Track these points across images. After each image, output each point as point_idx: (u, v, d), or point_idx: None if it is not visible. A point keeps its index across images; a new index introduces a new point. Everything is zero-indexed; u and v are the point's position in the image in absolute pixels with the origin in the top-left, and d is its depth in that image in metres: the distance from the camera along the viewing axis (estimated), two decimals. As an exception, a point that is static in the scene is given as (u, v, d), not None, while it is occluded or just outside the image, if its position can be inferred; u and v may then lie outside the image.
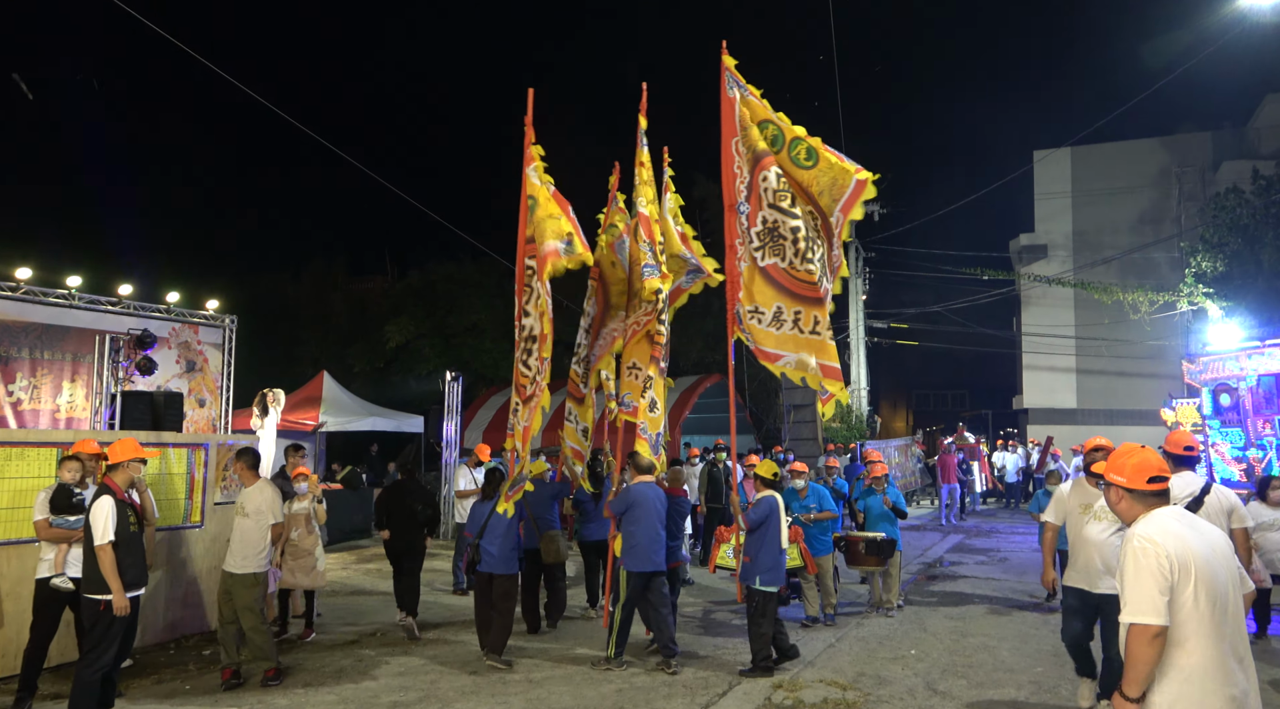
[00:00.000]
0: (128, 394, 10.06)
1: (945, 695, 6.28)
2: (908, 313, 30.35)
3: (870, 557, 8.81)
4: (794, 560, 7.80)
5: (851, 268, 27.71)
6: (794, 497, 8.55)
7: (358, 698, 6.14)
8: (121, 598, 5.26)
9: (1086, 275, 26.18)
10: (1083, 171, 28.80)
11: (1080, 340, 27.90)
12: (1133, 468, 3.20)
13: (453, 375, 15.76)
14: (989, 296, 28.46)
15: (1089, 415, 27.50)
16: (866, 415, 27.42)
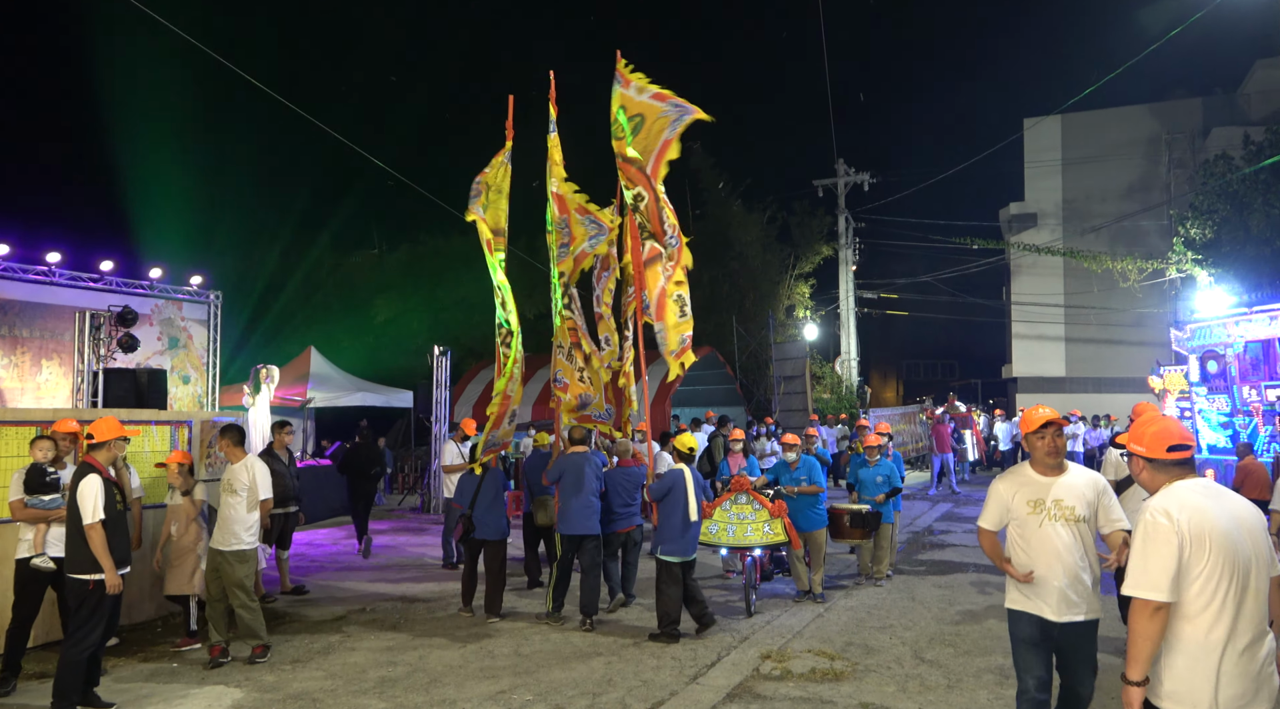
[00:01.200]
0: (110, 372, 9.92)
1: (933, 664, 6.31)
2: (898, 283, 30.31)
3: (855, 530, 8.64)
4: (778, 535, 7.74)
5: (841, 238, 27.58)
6: (785, 469, 8.41)
7: (345, 674, 6.12)
8: (113, 576, 5.22)
9: (1076, 243, 26.16)
10: (1073, 138, 28.64)
11: (1069, 309, 27.94)
12: (1152, 436, 3.09)
13: (441, 350, 15.65)
14: (979, 266, 28.43)
15: (1077, 384, 27.62)
16: (856, 386, 27.47)
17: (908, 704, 5.47)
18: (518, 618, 7.76)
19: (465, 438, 10.54)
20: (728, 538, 7.78)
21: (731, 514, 7.84)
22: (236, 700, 5.57)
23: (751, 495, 7.83)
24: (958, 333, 39.01)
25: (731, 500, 7.89)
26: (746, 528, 7.75)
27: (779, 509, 7.77)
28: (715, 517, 7.80)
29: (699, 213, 28.49)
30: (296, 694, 5.68)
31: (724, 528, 7.81)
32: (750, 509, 7.79)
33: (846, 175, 27.64)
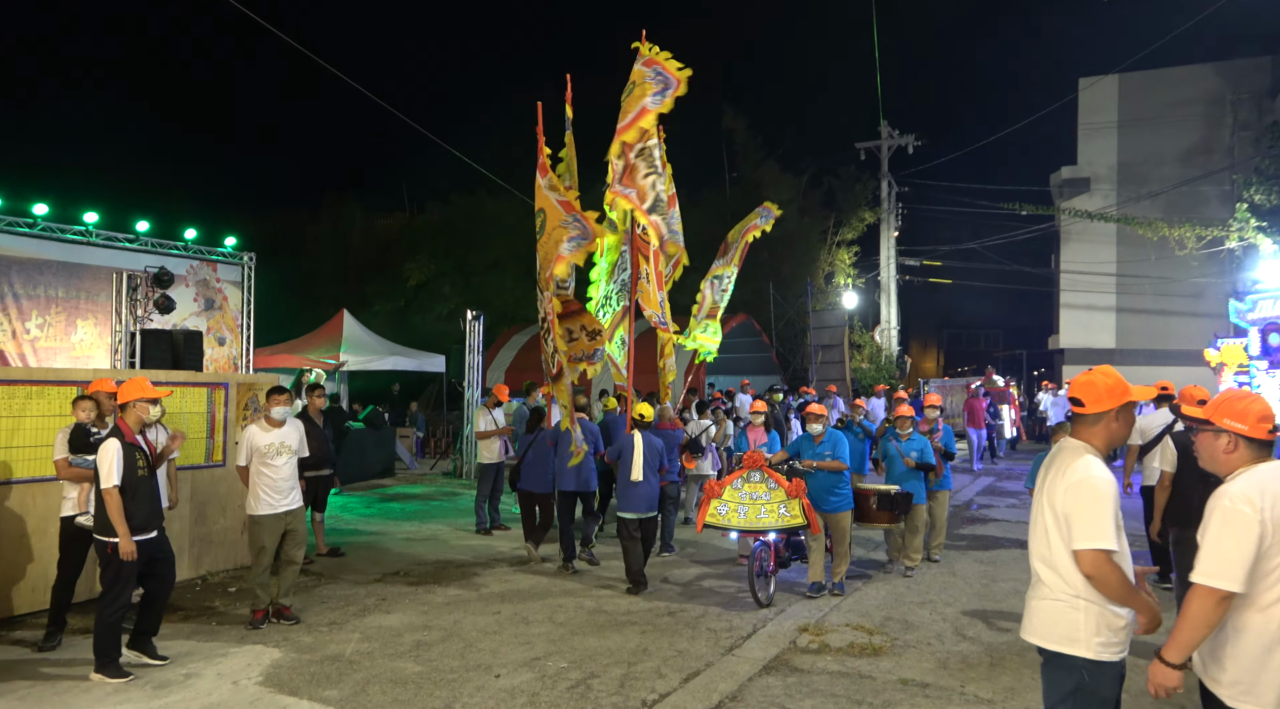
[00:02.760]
0: (147, 333, 10.10)
1: (974, 641, 6.28)
2: (941, 250, 29.79)
3: (882, 512, 7.81)
4: (795, 517, 7.06)
5: (883, 203, 27.11)
6: (809, 444, 7.57)
7: (381, 637, 6.25)
8: (127, 542, 5.29)
9: (1131, 210, 25.44)
10: (1130, 99, 27.70)
11: (1122, 278, 27.26)
12: (1257, 415, 2.93)
13: (474, 314, 15.72)
14: (1027, 233, 27.81)
15: (1129, 356, 27.01)
16: (896, 356, 27.18)
17: (949, 682, 5.45)
18: (551, 591, 7.85)
19: (498, 404, 10.60)
20: (738, 520, 7.11)
21: (743, 494, 7.16)
22: (275, 660, 5.72)
23: (766, 473, 7.17)
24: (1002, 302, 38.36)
25: (743, 478, 7.21)
26: (760, 509, 7.11)
27: (797, 488, 7.08)
28: (725, 496, 7.17)
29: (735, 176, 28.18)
30: (333, 656, 5.82)
31: (734, 509, 7.14)
32: (764, 488, 7.13)
33: (890, 138, 27.09)
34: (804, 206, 26.87)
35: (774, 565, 7.23)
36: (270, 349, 17.16)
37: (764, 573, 7.19)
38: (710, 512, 7.18)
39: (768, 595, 7.15)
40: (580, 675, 5.47)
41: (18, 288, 11.68)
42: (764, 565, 7.18)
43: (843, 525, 7.49)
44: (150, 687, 5.21)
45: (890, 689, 5.31)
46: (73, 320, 12.25)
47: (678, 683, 5.39)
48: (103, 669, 5.34)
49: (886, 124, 27.07)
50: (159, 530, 5.66)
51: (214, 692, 5.15)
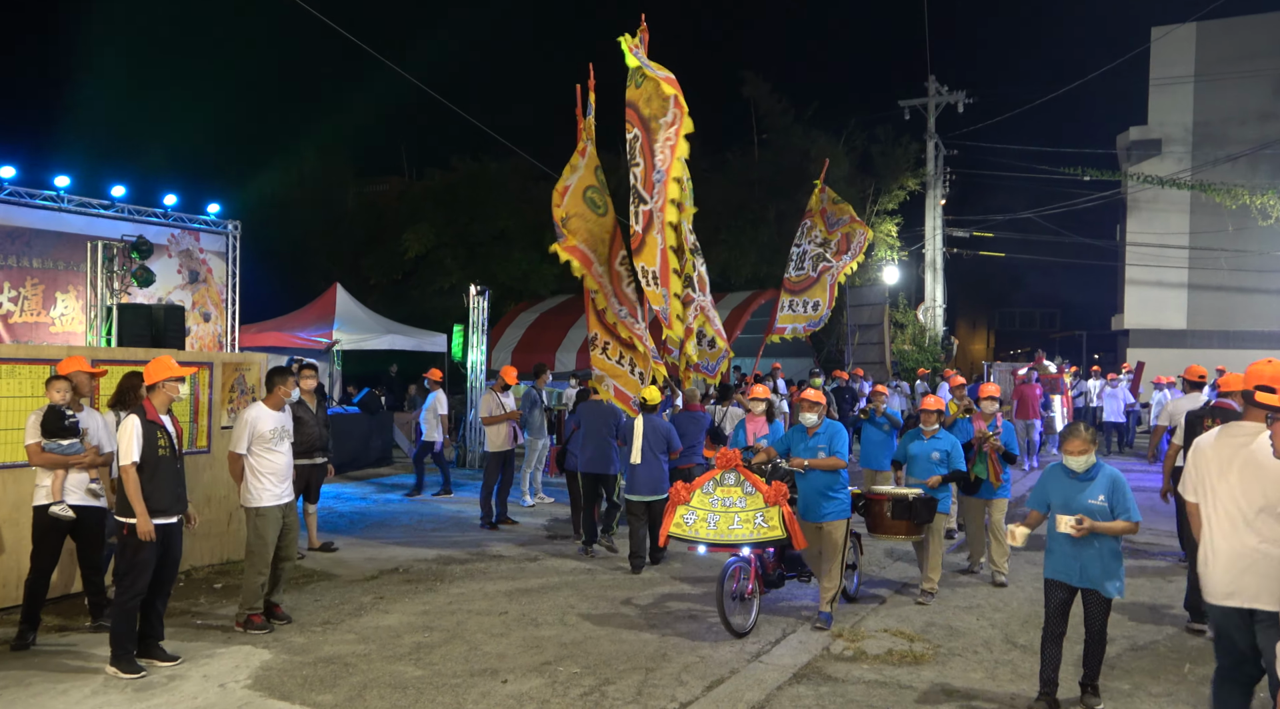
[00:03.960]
0: (125, 307, 10.20)
1: (1026, 650, 6.26)
2: (994, 220, 29.50)
3: (898, 522, 7.10)
4: (773, 530, 6.28)
5: (929, 167, 26.83)
6: (801, 436, 6.84)
7: (378, 638, 6.32)
8: (145, 522, 5.46)
9: (1207, 175, 25.05)
10: (1209, 52, 27.17)
11: (1195, 251, 26.88)
12: None
13: (478, 289, 15.75)
14: (1089, 201, 27.49)
15: (1201, 337, 26.71)
16: (941, 337, 27.01)
17: (998, 692, 5.45)
18: (562, 590, 7.90)
19: (505, 388, 10.64)
20: (707, 532, 6.39)
21: (714, 499, 6.47)
22: (264, 661, 5.80)
23: (741, 474, 6.49)
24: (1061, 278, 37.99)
25: (715, 481, 6.53)
26: (733, 518, 6.38)
27: (776, 493, 6.33)
28: (694, 502, 6.49)
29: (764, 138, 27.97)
30: (328, 658, 5.89)
31: (704, 518, 6.44)
32: (739, 493, 6.42)
33: (938, 95, 26.77)
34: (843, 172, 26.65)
35: (754, 586, 6.51)
36: (257, 326, 17.30)
37: (739, 596, 6.49)
38: (676, 521, 6.53)
39: (746, 622, 6.47)
40: (594, 682, 5.51)
41: (-13, 256, 11.81)
42: (741, 586, 6.47)
43: (834, 538, 6.66)
44: (131, 689, 5.30)
45: (932, 700, 5.31)
46: (51, 293, 12.38)
47: (700, 691, 5.42)
48: (117, 662, 5.48)
49: (934, 79, 26.74)
50: (180, 517, 5.79)
51: (200, 695, 5.24)
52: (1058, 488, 5.24)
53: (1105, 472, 5.15)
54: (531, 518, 11.03)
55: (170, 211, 13.59)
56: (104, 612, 6.21)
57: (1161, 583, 8.13)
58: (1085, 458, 5.10)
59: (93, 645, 5.96)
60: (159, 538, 5.58)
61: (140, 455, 5.50)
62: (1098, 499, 5.07)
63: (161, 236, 13.39)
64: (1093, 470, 5.14)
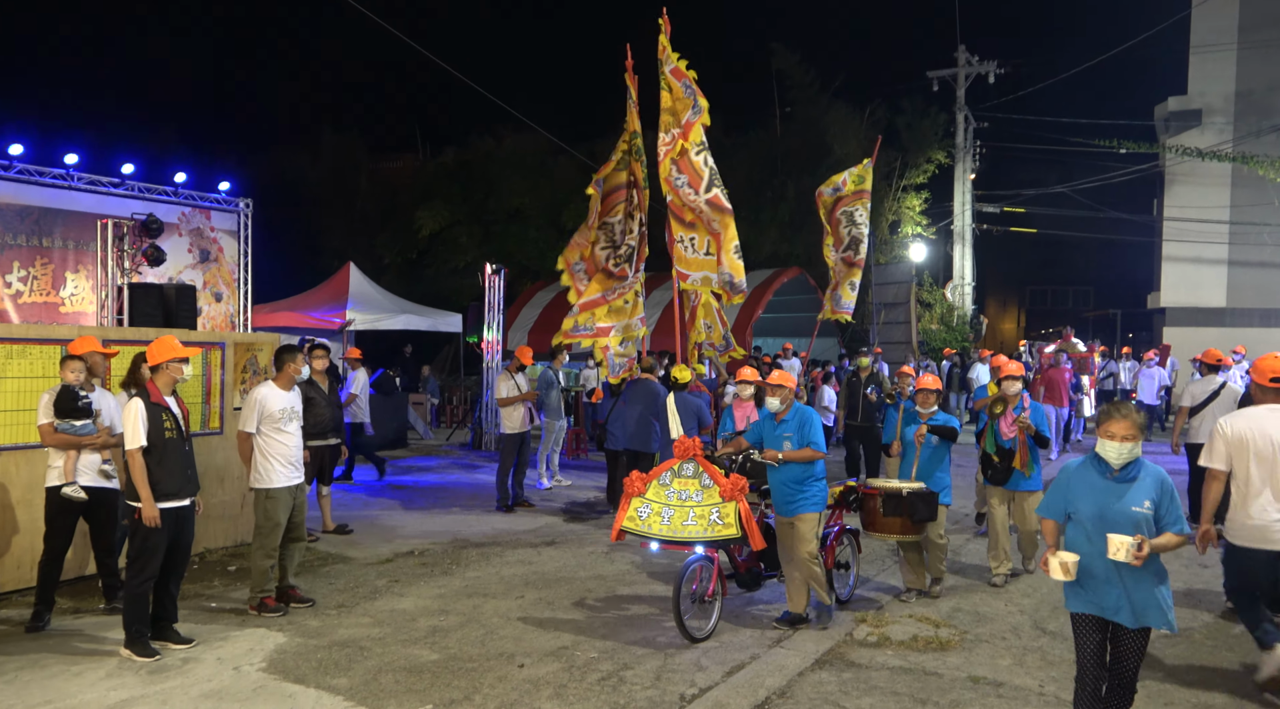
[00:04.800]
0: (135, 287, 10.26)
1: (1056, 636, 6.23)
2: (1025, 194, 29.14)
3: (891, 519, 6.64)
4: (728, 527, 5.91)
5: (958, 140, 26.52)
6: (770, 425, 6.36)
7: (393, 621, 6.38)
8: (150, 507, 5.51)
9: (1250, 147, 24.59)
10: (1253, 17, 26.60)
11: (1236, 226, 26.46)
12: None
13: (494, 268, 15.76)
14: (1125, 175, 27.05)
15: (1241, 316, 26.33)
16: (970, 315, 26.79)
17: (1026, 681, 5.43)
18: (579, 574, 7.93)
19: (521, 368, 10.66)
20: (660, 527, 6.07)
21: (670, 492, 6.13)
22: (279, 645, 5.87)
23: (700, 465, 6.15)
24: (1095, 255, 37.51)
25: (673, 471, 6.20)
26: (688, 514, 6.03)
27: (733, 488, 5.95)
28: (649, 494, 6.17)
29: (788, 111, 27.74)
30: (342, 641, 5.95)
31: (658, 512, 6.12)
32: (696, 486, 6.08)
33: (968, 65, 26.41)
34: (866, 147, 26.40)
35: (715, 587, 6.11)
36: (270, 306, 17.40)
37: (699, 598, 6.10)
38: (629, 514, 6.18)
39: (705, 626, 6.08)
40: (612, 667, 5.54)
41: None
42: (702, 587, 6.08)
43: (802, 530, 6.16)
44: (145, 672, 5.37)
45: (959, 687, 5.30)
46: (61, 273, 12.48)
47: (720, 676, 5.43)
48: (131, 645, 5.57)
49: (964, 49, 26.37)
50: (191, 500, 5.85)
51: (214, 678, 5.31)
52: (1086, 491, 4.12)
53: (1149, 470, 4.08)
54: (548, 501, 11.08)
55: (181, 189, 13.64)
56: (117, 594, 6.31)
57: (1197, 569, 8.05)
58: (1131, 449, 4.01)
59: (107, 628, 6.05)
60: (170, 521, 5.63)
61: (146, 439, 5.54)
62: (1143, 506, 4.01)
63: (172, 215, 13.44)
64: (1134, 468, 4.07)
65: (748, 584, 6.68)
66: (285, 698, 5.04)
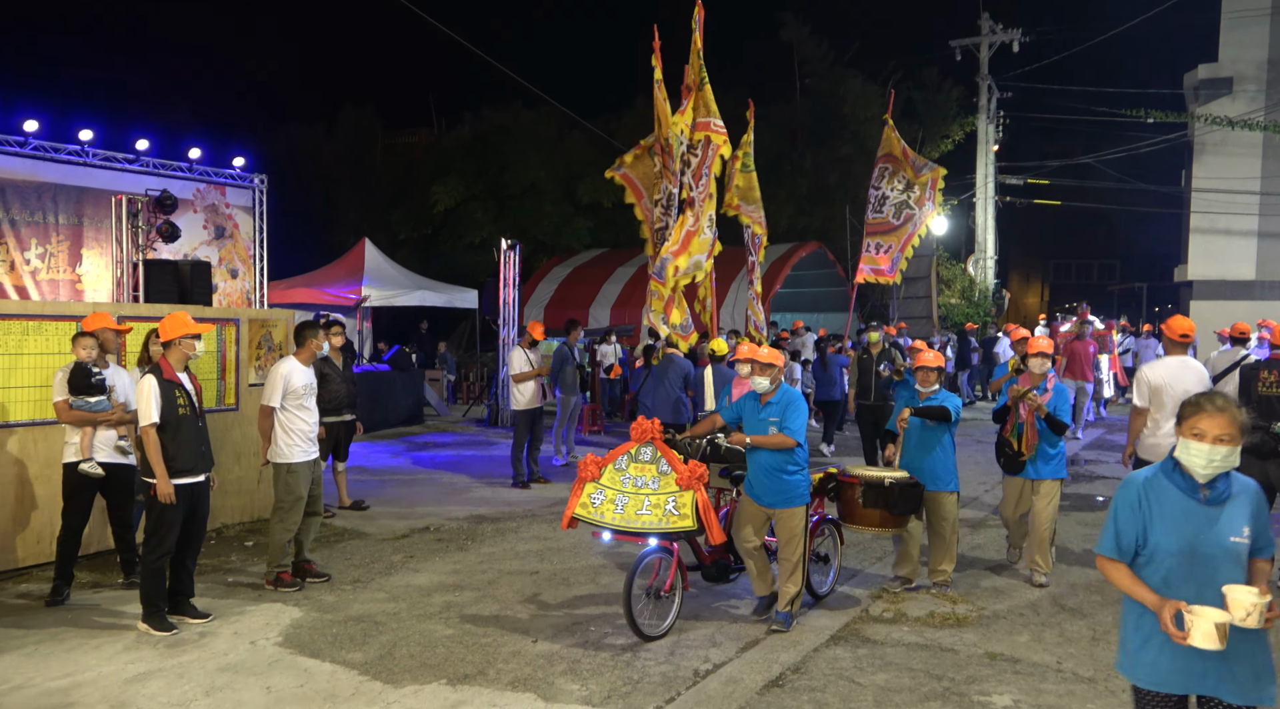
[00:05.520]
0: (150, 263, 10.33)
1: (1075, 613, 6.21)
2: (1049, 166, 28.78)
3: (871, 511, 6.17)
4: (684, 519, 5.46)
5: (981, 111, 26.19)
6: (753, 405, 5.91)
7: (408, 596, 6.43)
8: (165, 484, 5.56)
9: (1281, 116, 24.13)
10: (1288, -19, 26.05)
11: (1267, 197, 26.03)
12: None
13: (509, 243, 15.75)
14: (1152, 145, 26.66)
15: (1270, 289, 25.96)
16: (993, 290, 26.58)
17: (1044, 657, 5.41)
18: (595, 550, 7.96)
19: (533, 343, 10.67)
20: (612, 516, 5.62)
21: (625, 478, 5.72)
22: (295, 619, 5.93)
23: (658, 449, 5.71)
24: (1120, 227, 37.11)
25: (629, 455, 5.76)
26: (642, 502, 5.60)
27: (690, 476, 5.53)
28: (604, 479, 5.75)
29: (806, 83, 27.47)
30: (358, 616, 6.01)
31: (611, 499, 5.68)
32: (654, 472, 5.66)
33: (992, 33, 26.01)
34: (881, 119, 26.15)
35: (673, 581, 5.72)
36: (286, 282, 17.49)
37: (655, 593, 5.68)
38: (581, 500, 5.76)
39: (661, 625, 5.68)
40: (625, 642, 5.56)
41: (14, 213, 11.99)
42: (659, 581, 5.68)
43: (792, 527, 5.78)
44: (163, 645, 5.45)
45: (975, 664, 5.29)
46: (77, 250, 12.57)
47: (734, 652, 5.45)
48: (149, 619, 5.65)
49: (988, 17, 25.96)
50: (206, 476, 5.90)
51: (230, 652, 5.37)
52: (1167, 516, 3.06)
53: (1241, 483, 3.09)
54: (564, 477, 11.11)
55: (195, 165, 13.68)
56: (135, 569, 6.38)
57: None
58: (1226, 455, 2.99)
59: (125, 602, 6.13)
60: (185, 497, 5.69)
61: (160, 415, 5.58)
62: (1242, 534, 3.01)
63: (187, 191, 13.50)
64: (1225, 482, 3.07)
65: (715, 577, 6.20)
66: (301, 672, 5.09)
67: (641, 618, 5.58)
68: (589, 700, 4.75)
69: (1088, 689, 4.95)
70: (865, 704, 4.73)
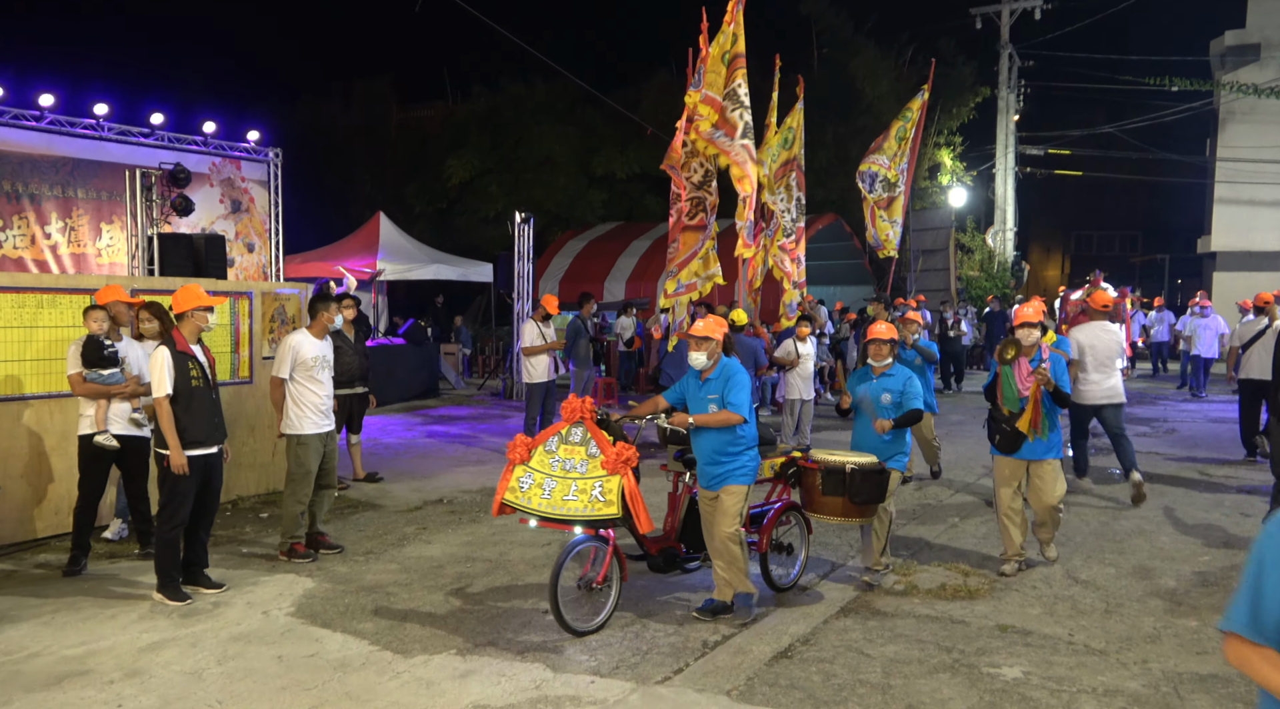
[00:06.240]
0: (165, 237, 10.40)
1: (1088, 585, 6.16)
2: (1071, 135, 28.34)
3: (831, 499, 5.70)
4: (610, 506, 5.10)
5: (1001, 80, 25.78)
6: (694, 383, 5.51)
7: (420, 568, 6.46)
8: (178, 455, 5.58)
9: (1310, 83, 23.63)
10: (1319, -55, 25.42)
11: (1293, 167, 25.57)
12: None
13: (523, 217, 15.70)
14: (1177, 113, 26.18)
15: (1295, 261, 25.59)
16: (1012, 262, 26.30)
17: (1055, 629, 5.38)
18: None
19: (546, 317, 10.64)
20: (539, 500, 5.24)
21: (555, 460, 5.33)
22: (307, 590, 5.98)
23: (588, 429, 5.33)
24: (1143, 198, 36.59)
25: (560, 436, 5.39)
26: (569, 487, 5.22)
27: (617, 459, 5.15)
28: (534, 461, 5.37)
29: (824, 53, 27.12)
30: (370, 586, 6.05)
31: (539, 483, 5.29)
32: (582, 455, 5.28)
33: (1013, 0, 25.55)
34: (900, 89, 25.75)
35: (607, 572, 5.28)
36: (301, 256, 17.52)
37: (587, 585, 5.31)
38: (510, 484, 5.36)
39: (594, 619, 5.28)
40: (635, 614, 5.57)
41: (33, 187, 12.02)
42: (591, 573, 5.30)
43: (726, 505, 5.34)
44: (177, 615, 5.50)
45: (985, 636, 5.27)
46: (97, 224, 12.62)
47: (742, 624, 5.44)
48: (163, 589, 5.70)
49: (1010, -18, 25.48)
50: (219, 447, 5.93)
51: (243, 621, 5.42)
52: None
53: None
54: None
55: (210, 139, 13.67)
56: (151, 540, 6.44)
57: (1238, 517, 7.91)
58: None
59: (140, 573, 6.19)
60: (198, 468, 5.72)
61: (173, 387, 5.60)
62: None
63: (203, 165, 13.50)
64: None
65: (662, 568, 5.72)
66: (313, 641, 5.13)
67: (570, 612, 5.15)
68: (598, 670, 4.76)
69: (1099, 661, 4.92)
70: (874, 675, 4.72)
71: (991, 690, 4.56)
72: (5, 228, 11.68)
